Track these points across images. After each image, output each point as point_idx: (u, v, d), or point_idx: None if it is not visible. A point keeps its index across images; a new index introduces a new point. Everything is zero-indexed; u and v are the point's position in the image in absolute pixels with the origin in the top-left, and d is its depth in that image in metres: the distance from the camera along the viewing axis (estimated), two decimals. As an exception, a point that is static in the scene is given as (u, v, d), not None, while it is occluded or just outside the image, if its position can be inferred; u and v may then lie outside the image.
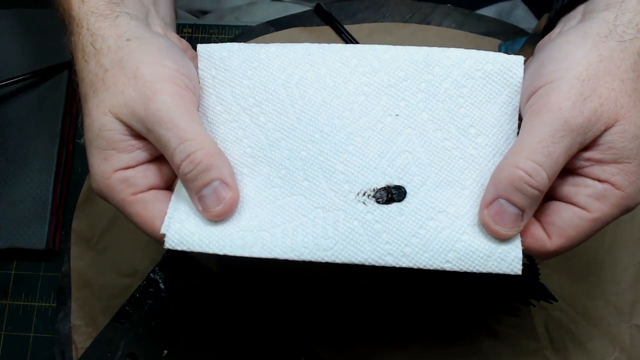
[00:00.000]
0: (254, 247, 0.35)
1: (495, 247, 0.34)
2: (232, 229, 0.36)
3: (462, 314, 0.51)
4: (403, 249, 0.35)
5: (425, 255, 0.34)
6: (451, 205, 0.36)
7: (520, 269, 0.34)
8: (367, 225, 0.35)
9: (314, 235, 0.35)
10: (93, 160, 0.36)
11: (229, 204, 0.35)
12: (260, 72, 0.38)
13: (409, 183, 0.36)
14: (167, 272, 0.52)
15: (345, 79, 0.38)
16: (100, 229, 0.55)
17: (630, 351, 0.50)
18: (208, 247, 0.35)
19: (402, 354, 0.51)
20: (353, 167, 0.37)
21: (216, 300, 0.51)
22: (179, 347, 0.51)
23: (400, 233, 0.35)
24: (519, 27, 0.58)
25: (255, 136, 0.38)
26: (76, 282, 0.54)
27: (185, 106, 0.35)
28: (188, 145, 0.34)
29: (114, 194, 0.36)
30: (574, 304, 0.51)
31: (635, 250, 0.52)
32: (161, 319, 0.51)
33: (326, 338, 0.51)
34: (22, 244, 0.55)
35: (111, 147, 0.35)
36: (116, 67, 0.35)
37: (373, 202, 0.36)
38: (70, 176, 0.59)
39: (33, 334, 0.55)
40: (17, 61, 0.60)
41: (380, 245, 0.35)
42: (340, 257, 0.35)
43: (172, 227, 0.35)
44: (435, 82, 0.38)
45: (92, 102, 0.36)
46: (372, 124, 0.37)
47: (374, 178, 0.36)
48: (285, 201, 0.36)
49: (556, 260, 0.51)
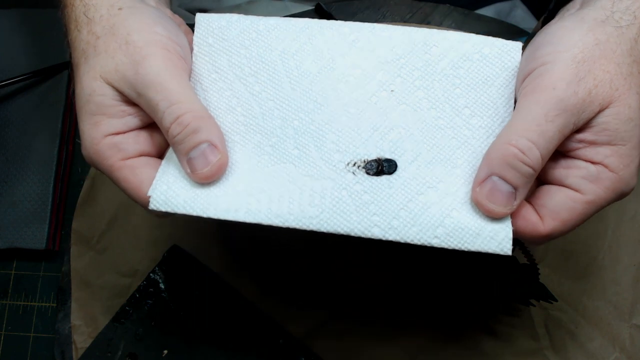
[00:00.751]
0: (238, 212, 0.34)
1: (485, 225, 0.34)
2: (218, 193, 0.35)
3: (462, 314, 0.51)
4: (391, 221, 0.34)
5: (413, 229, 0.34)
6: (442, 182, 0.35)
7: (510, 248, 0.33)
8: (355, 196, 0.35)
9: (300, 202, 0.35)
10: (83, 126, 0.36)
11: (217, 166, 0.35)
12: (258, 42, 0.38)
13: (400, 157, 0.36)
14: (167, 272, 0.52)
15: (343, 52, 0.38)
16: (100, 229, 0.55)
17: (630, 351, 0.49)
18: (192, 209, 0.35)
19: (401, 353, 0.51)
20: (345, 137, 0.36)
21: (216, 300, 0.51)
22: (179, 347, 0.51)
23: (389, 205, 0.34)
24: (518, 27, 0.58)
25: (248, 105, 0.38)
26: (76, 282, 0.54)
27: (175, 70, 0.35)
28: (177, 108, 0.34)
29: (103, 159, 0.36)
30: (574, 304, 0.51)
31: (635, 250, 0.52)
32: (161, 319, 0.51)
33: (326, 337, 0.51)
34: (22, 244, 0.55)
35: (101, 112, 0.35)
36: (108, 34, 0.35)
37: (363, 172, 0.35)
38: (70, 176, 0.59)
39: (33, 334, 0.55)
40: (17, 61, 0.60)
41: (368, 217, 0.34)
42: (326, 226, 0.34)
43: (157, 189, 0.35)
44: (432, 62, 0.38)
45: (83, 68, 0.36)
46: (367, 97, 0.37)
47: (365, 150, 0.36)
48: (274, 168, 0.36)
49: (556, 260, 0.51)
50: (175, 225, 0.54)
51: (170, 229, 0.54)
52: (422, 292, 0.52)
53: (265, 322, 0.51)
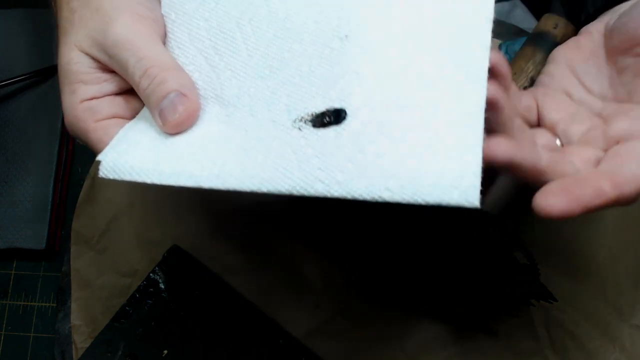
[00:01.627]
0: (181, 176, 0.33)
1: (446, 173, 0.29)
2: (165, 158, 0.34)
3: (462, 314, 0.51)
4: (336, 175, 0.30)
5: (362, 182, 0.30)
6: (397, 128, 0.31)
7: (478, 198, 0.28)
8: (298, 151, 0.32)
9: (243, 163, 0.33)
10: (63, 96, 0.37)
11: (186, 113, 0.35)
12: (217, 12, 0.38)
13: (349, 105, 0.32)
14: (167, 272, 0.52)
15: (297, 9, 0.36)
16: (100, 229, 0.55)
17: (630, 351, 0.49)
18: (138, 176, 0.34)
19: (401, 353, 0.51)
20: (295, 96, 0.34)
21: (216, 300, 0.51)
22: (179, 347, 0.51)
23: (335, 158, 0.31)
24: (519, 27, 0.58)
25: (208, 77, 0.37)
26: (76, 282, 0.54)
27: (144, 29, 0.36)
28: (145, 62, 0.35)
29: (79, 121, 0.36)
30: (574, 304, 0.51)
31: (635, 250, 0.52)
32: (161, 319, 0.51)
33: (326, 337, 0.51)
34: (22, 244, 0.55)
35: (78, 79, 0.36)
36: (82, 6, 0.36)
37: (309, 127, 0.33)
38: (70, 176, 0.59)
39: (33, 334, 0.55)
40: (17, 61, 0.60)
41: (311, 172, 0.31)
42: (267, 185, 0.31)
43: (108, 156, 0.34)
44: (393, 3, 0.35)
45: (62, 42, 0.37)
46: (320, 50, 0.35)
47: (313, 103, 0.33)
48: (226, 136, 0.35)
49: (556, 260, 0.51)
50: (175, 225, 0.55)
51: (170, 229, 0.54)
52: (422, 292, 0.52)
53: (265, 322, 0.51)
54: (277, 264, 0.53)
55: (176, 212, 0.55)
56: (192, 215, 0.55)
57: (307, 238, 0.53)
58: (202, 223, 0.54)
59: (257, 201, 0.54)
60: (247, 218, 0.54)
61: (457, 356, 0.50)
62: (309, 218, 0.54)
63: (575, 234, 0.52)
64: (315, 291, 0.52)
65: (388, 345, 0.51)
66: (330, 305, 0.52)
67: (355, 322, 0.51)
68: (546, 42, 0.49)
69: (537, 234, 0.52)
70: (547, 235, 0.52)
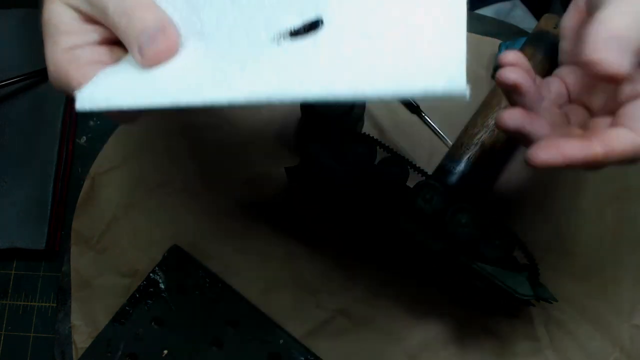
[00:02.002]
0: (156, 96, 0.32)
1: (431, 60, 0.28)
2: (141, 85, 0.34)
3: (462, 314, 0.51)
4: (316, 77, 0.29)
5: (343, 81, 0.28)
6: (375, 26, 0.30)
7: (465, 86, 0.26)
8: (277, 61, 0.31)
9: (221, 79, 0.32)
10: (46, 50, 0.37)
11: (165, 45, 0.35)
12: None
13: (325, 14, 0.32)
14: (167, 272, 0.52)
15: None
16: (100, 229, 0.55)
17: (630, 351, 0.50)
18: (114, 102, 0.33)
19: (401, 353, 0.51)
20: (273, 17, 0.34)
21: (216, 300, 0.51)
22: (179, 347, 0.51)
23: (314, 62, 0.30)
24: (518, 27, 0.58)
25: (187, 15, 0.37)
26: (76, 282, 0.54)
27: None
28: (124, 2, 0.35)
29: (61, 70, 0.36)
30: (574, 304, 0.51)
31: (635, 250, 0.52)
32: (161, 319, 0.51)
33: (326, 337, 0.51)
34: (22, 244, 0.55)
35: (60, 31, 0.36)
36: None
37: (288, 41, 0.33)
38: (70, 176, 0.59)
39: (33, 334, 0.55)
40: (17, 61, 0.59)
41: (290, 77, 0.30)
42: (245, 95, 0.30)
43: (85, 90, 0.34)
44: None
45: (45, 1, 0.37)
46: None
47: (290, 20, 0.33)
48: (204, 62, 0.35)
49: (556, 260, 0.51)
50: (175, 225, 0.55)
51: (170, 229, 0.54)
52: (422, 292, 0.52)
53: (265, 322, 0.51)
54: (276, 264, 0.53)
55: (176, 212, 0.55)
56: (192, 215, 0.55)
57: (307, 238, 0.53)
58: (202, 223, 0.54)
59: (257, 201, 0.54)
60: (247, 218, 0.54)
61: (457, 356, 0.50)
62: (309, 218, 0.54)
63: (575, 234, 0.52)
64: (315, 291, 0.52)
65: (388, 345, 0.51)
66: (330, 305, 0.52)
67: (355, 322, 0.52)
68: (546, 42, 0.49)
69: (537, 234, 0.52)
70: (547, 235, 0.52)
